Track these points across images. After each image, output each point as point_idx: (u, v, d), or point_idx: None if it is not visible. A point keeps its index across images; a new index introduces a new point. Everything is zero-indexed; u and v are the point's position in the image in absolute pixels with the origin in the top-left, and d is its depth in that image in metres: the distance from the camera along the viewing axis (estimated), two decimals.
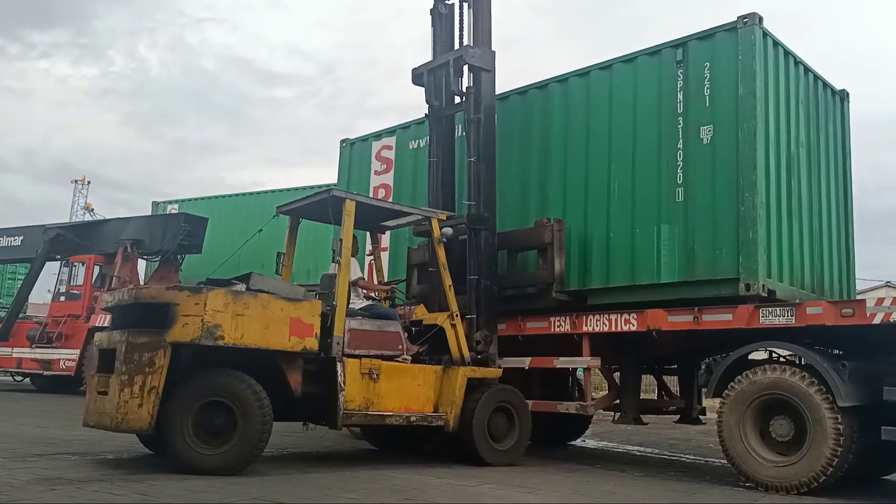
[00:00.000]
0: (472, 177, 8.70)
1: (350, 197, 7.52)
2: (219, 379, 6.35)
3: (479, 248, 8.48)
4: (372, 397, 7.20)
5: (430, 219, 8.07)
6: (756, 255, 7.09)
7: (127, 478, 5.88)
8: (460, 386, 7.62)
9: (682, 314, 7.48)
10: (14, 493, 5.07)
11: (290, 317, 6.65)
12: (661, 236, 7.76)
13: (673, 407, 9.36)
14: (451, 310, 7.96)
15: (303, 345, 6.71)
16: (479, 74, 8.86)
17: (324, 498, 5.39)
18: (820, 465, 6.25)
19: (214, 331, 6.23)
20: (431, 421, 7.56)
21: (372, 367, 7.21)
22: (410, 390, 7.51)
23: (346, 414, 6.99)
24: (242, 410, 6.29)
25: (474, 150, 8.70)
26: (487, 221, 8.54)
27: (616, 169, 8.24)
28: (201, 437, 6.20)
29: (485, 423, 7.67)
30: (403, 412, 7.41)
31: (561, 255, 8.32)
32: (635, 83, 8.22)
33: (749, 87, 7.29)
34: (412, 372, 7.62)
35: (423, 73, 9.28)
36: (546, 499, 5.83)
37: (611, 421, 9.82)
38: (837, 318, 6.51)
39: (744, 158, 7.25)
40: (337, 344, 7.05)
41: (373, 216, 8.35)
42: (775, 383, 6.59)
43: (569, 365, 8.80)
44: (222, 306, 6.29)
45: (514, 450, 7.94)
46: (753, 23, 7.35)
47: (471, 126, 8.80)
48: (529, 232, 8.63)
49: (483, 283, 8.42)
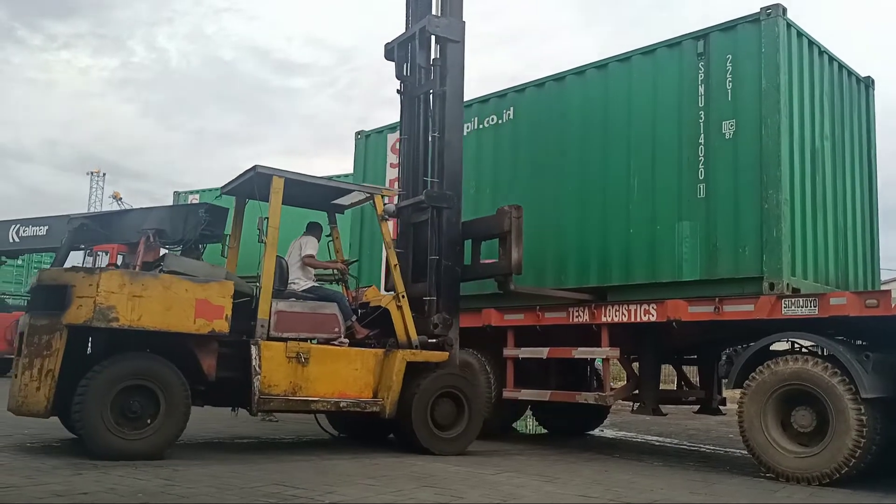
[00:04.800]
0: (435, 153, 8.37)
1: (277, 173, 7.25)
2: (139, 362, 6.26)
3: (440, 228, 8.15)
4: (300, 382, 6.95)
5: (374, 196, 7.85)
6: (780, 254, 7.01)
7: (150, 463, 5.98)
8: (398, 370, 7.34)
9: (703, 305, 7.43)
10: (41, 476, 5.17)
11: (196, 298, 6.44)
12: (682, 233, 7.69)
13: (692, 397, 9.32)
14: (396, 290, 7.72)
15: (210, 327, 6.49)
16: (446, 45, 8.43)
17: (345, 485, 5.44)
18: (842, 456, 6.22)
19: (108, 313, 6.06)
20: (365, 407, 7.28)
21: (300, 350, 6.98)
22: (346, 375, 7.25)
23: (264, 399, 6.76)
24: (166, 393, 6.22)
25: (439, 126, 8.33)
26: (450, 200, 8.17)
27: (636, 164, 8.16)
28: (121, 421, 6.09)
29: (426, 410, 7.41)
30: (335, 397, 7.14)
31: (519, 243, 8.01)
32: (655, 76, 8.11)
33: (772, 80, 7.19)
34: (348, 356, 7.34)
35: (394, 47, 8.87)
36: (565, 487, 5.85)
37: (630, 411, 9.81)
38: (861, 308, 6.45)
39: (767, 154, 7.16)
40: (261, 326, 6.88)
41: (320, 195, 8.17)
42: (797, 374, 6.55)
43: (587, 355, 8.76)
44: (117, 287, 6.12)
45: (462, 438, 7.67)
46: (777, 14, 7.25)
47: (436, 100, 8.43)
48: (491, 220, 8.33)
49: (444, 265, 8.12)
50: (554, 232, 8.81)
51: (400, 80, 8.85)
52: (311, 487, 5.23)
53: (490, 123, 9.70)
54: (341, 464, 6.53)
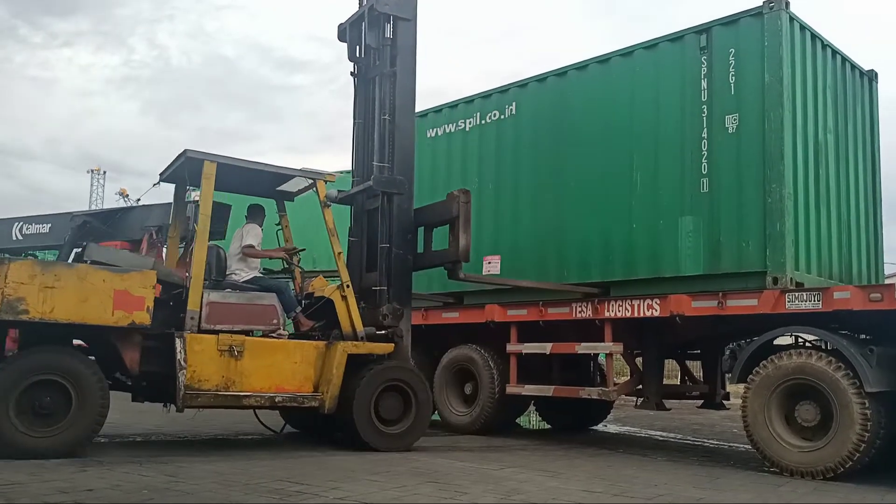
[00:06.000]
0: (385, 137, 8.04)
1: (209, 157, 6.98)
2: (47, 356, 6.02)
3: (391, 215, 7.88)
4: (233, 376, 6.66)
5: (316, 181, 7.62)
6: (784, 248, 7.00)
7: (155, 459, 6.00)
8: (338, 363, 7.04)
9: (706, 299, 7.42)
10: (46, 473, 5.19)
11: (115, 289, 6.17)
12: (685, 228, 7.66)
13: (696, 392, 9.30)
14: (342, 280, 7.42)
15: (130, 319, 6.22)
16: (397, 24, 8.12)
17: (349, 481, 5.44)
18: (846, 450, 6.20)
19: (16, 304, 5.84)
20: (303, 402, 6.99)
21: (233, 343, 6.68)
22: (284, 368, 6.95)
23: (190, 394, 6.44)
24: (78, 388, 5.98)
25: (389, 108, 8.06)
26: (401, 185, 7.87)
27: (638, 159, 8.13)
28: (29, 418, 5.85)
29: (369, 404, 7.12)
30: (271, 392, 6.84)
31: (467, 229, 7.71)
32: (657, 70, 8.08)
33: (775, 74, 7.17)
34: (287, 349, 7.05)
35: (346, 27, 8.52)
36: (568, 483, 5.85)
37: (633, 406, 9.80)
38: (865, 302, 6.44)
39: (770, 148, 7.14)
40: (192, 319, 6.61)
41: (264, 182, 7.93)
42: (801, 368, 6.54)
43: (591, 351, 8.76)
44: (27, 278, 5.89)
45: (409, 433, 7.39)
46: (780, 7, 7.21)
47: (385, 81, 8.11)
48: (441, 206, 8.09)
49: (395, 252, 7.86)
50: (556, 226, 8.77)
51: (353, 62, 8.49)
52: (315, 483, 5.24)
53: (492, 119, 9.66)
54: (345, 460, 6.53)
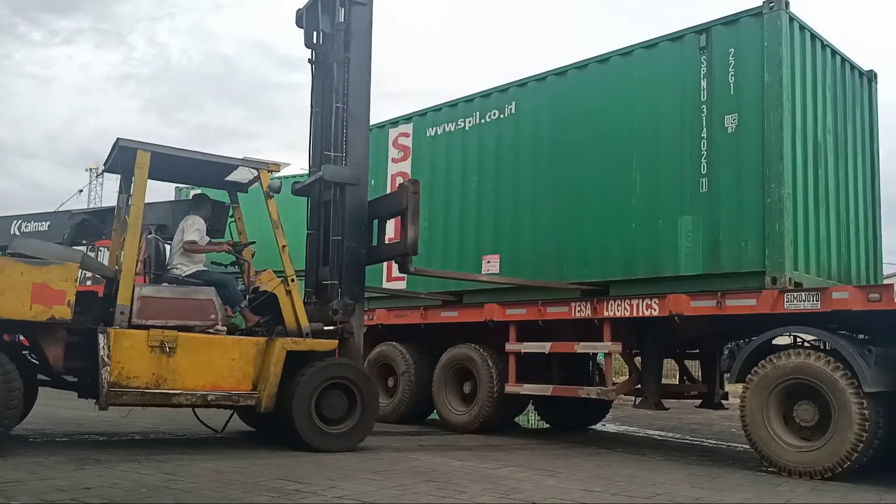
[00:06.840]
0: (338, 126, 7.82)
1: (142, 147, 6.76)
2: None
3: (343, 207, 7.67)
4: (165, 374, 6.40)
5: (259, 171, 7.39)
6: (783, 248, 7.00)
7: (154, 458, 5.99)
8: (276, 360, 6.79)
9: (705, 299, 7.42)
10: (44, 471, 5.19)
11: (34, 282, 5.97)
12: (684, 228, 7.66)
13: (695, 392, 9.30)
14: (286, 274, 7.19)
15: (49, 314, 6.01)
16: (351, 8, 7.95)
17: (347, 479, 5.44)
18: (844, 450, 6.21)
19: None
20: (238, 400, 6.76)
21: (165, 339, 6.42)
22: (221, 365, 6.68)
23: (115, 392, 6.20)
24: None
25: (342, 96, 7.85)
26: (353, 176, 7.65)
27: (638, 158, 8.12)
28: None
29: (310, 403, 6.88)
30: (205, 390, 6.58)
31: (415, 221, 7.46)
32: (657, 70, 8.07)
33: (775, 74, 7.17)
34: (224, 345, 6.77)
35: (303, 13, 8.34)
36: (567, 482, 5.85)
37: (632, 405, 9.80)
38: (864, 303, 6.45)
39: (770, 148, 7.14)
40: (121, 313, 6.40)
41: (212, 173, 7.69)
42: (800, 368, 6.55)
43: (590, 350, 8.76)
44: None
45: (353, 433, 7.12)
46: (780, 7, 7.21)
47: (339, 67, 7.90)
48: (392, 197, 7.91)
49: (346, 245, 7.65)
50: (555, 226, 8.77)
51: (310, 49, 8.32)
52: (314, 482, 5.25)
53: (492, 118, 9.65)
54: (343, 458, 6.53)
